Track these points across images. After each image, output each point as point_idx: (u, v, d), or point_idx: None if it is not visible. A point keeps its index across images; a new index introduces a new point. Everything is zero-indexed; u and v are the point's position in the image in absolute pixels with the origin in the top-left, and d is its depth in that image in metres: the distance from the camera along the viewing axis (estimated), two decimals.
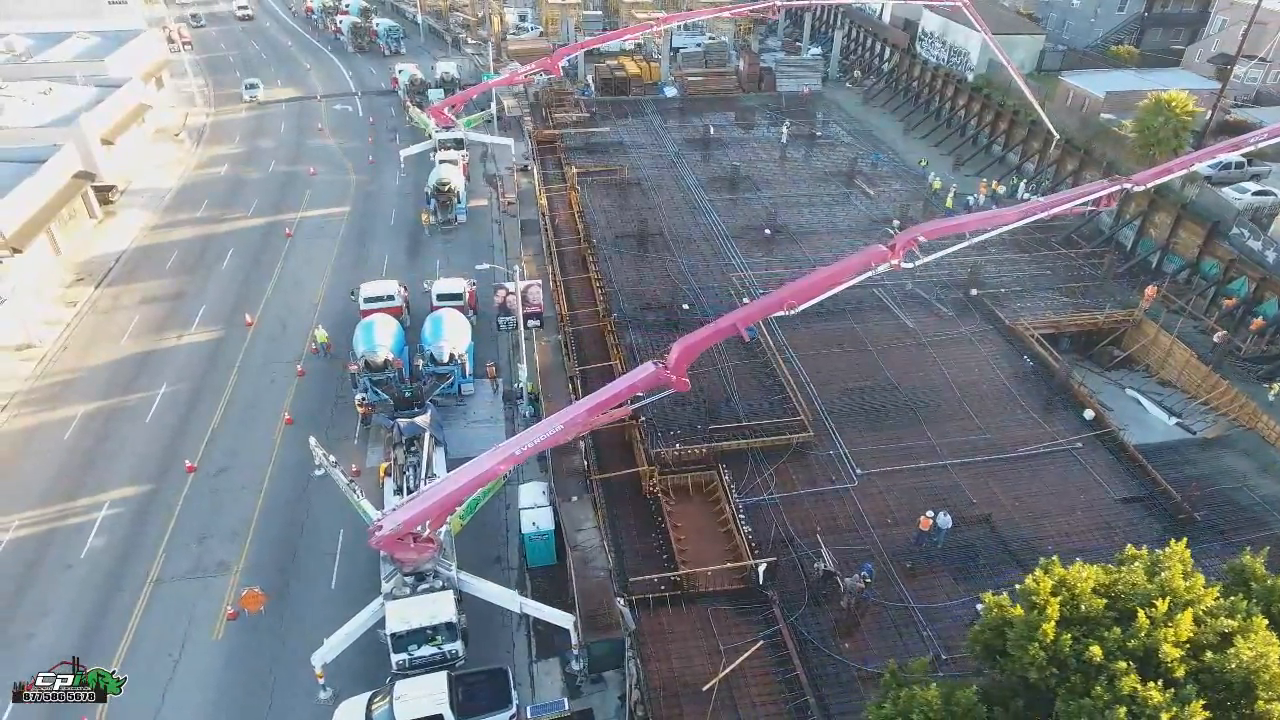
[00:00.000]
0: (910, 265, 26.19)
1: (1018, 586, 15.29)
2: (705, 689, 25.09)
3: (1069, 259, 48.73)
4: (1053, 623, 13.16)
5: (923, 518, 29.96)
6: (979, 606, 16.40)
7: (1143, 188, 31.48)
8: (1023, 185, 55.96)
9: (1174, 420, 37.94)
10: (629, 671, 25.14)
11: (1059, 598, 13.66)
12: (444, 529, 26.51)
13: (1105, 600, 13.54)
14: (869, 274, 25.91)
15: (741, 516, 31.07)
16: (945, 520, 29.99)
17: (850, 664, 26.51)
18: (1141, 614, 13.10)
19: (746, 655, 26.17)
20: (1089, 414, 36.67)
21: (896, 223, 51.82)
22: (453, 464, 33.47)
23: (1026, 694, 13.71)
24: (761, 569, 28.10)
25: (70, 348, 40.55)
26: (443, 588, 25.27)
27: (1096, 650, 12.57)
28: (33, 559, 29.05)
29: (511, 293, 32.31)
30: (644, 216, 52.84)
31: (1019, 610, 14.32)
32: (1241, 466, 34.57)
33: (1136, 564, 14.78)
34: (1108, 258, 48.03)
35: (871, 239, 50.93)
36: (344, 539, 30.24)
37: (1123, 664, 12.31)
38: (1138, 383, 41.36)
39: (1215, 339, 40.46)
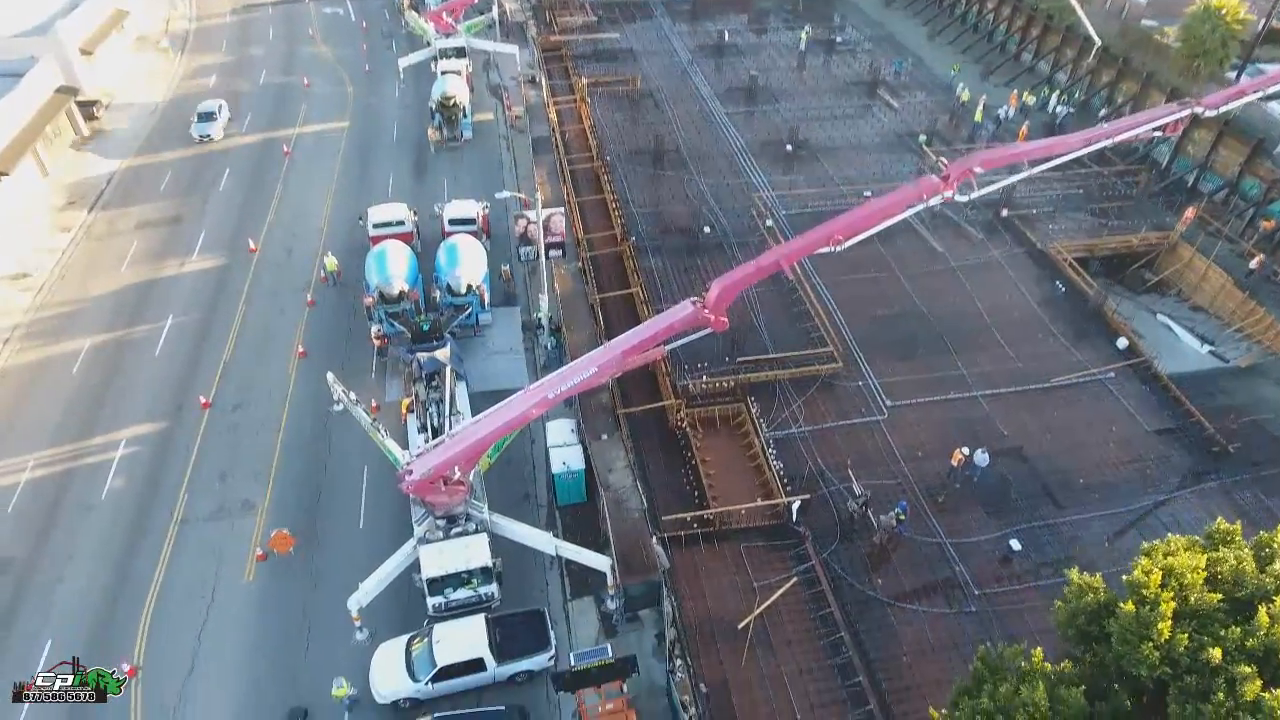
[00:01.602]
0: (965, 198, 24.71)
1: (1125, 578, 14.61)
2: (740, 627, 25.08)
3: (1102, 177, 46.82)
4: (1168, 621, 12.53)
5: (956, 452, 29.44)
6: (1065, 589, 15.70)
7: (1214, 112, 29.57)
8: (1054, 97, 53.34)
9: (1207, 348, 37.13)
10: (665, 610, 25.08)
11: (1169, 590, 13.00)
12: (474, 471, 25.93)
13: (1219, 595, 12.87)
14: (922, 206, 24.45)
15: (771, 451, 30.57)
16: (983, 458, 29.49)
17: (883, 599, 26.48)
18: (1263, 611, 12.48)
19: (780, 592, 26.09)
20: (1122, 342, 35.79)
21: (923, 137, 49.59)
22: (475, 398, 32.90)
23: (1127, 685, 13.26)
24: (795, 507, 27.74)
25: (68, 277, 39.08)
26: (476, 531, 24.88)
27: (1216, 653, 11.99)
28: (52, 501, 28.56)
29: (533, 222, 30.78)
30: (658, 131, 50.42)
31: (1129, 605, 13.38)
32: (1277, 397, 33.94)
33: (1244, 549, 14.07)
34: (1143, 176, 46.19)
35: (897, 155, 48.94)
36: (368, 476, 29.73)
37: (1246, 667, 11.75)
38: (1169, 308, 40.34)
39: (1252, 264, 39.20)
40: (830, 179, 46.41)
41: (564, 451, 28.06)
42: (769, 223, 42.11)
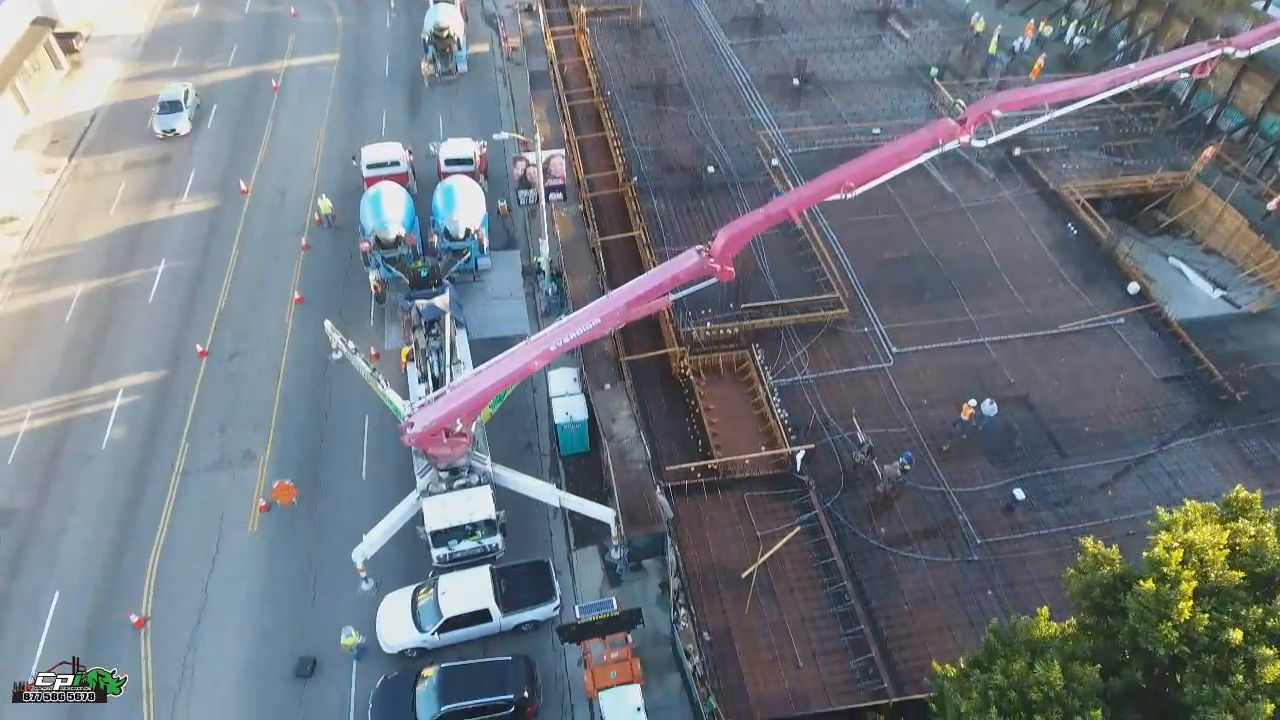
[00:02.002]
0: (982, 144, 23.74)
1: (1145, 555, 14.37)
2: (744, 576, 25.22)
3: (1119, 113, 45.28)
4: (1189, 601, 12.33)
5: (965, 405, 29.14)
6: (1079, 557, 15.48)
7: (1246, 52, 28.17)
8: (1072, 27, 51.30)
9: (1219, 293, 36.52)
10: (669, 560, 25.19)
11: (1190, 569, 12.75)
12: (476, 422, 25.68)
13: (1240, 572, 12.63)
14: (937, 152, 23.51)
15: (775, 399, 30.27)
16: (991, 408, 29.22)
17: (885, 548, 26.56)
18: None
19: (784, 542, 26.16)
20: (1133, 287, 35.13)
21: (935, 70, 47.79)
22: (475, 345, 32.47)
23: (1141, 659, 13.15)
24: (799, 457, 27.60)
25: (56, 220, 38.15)
26: (479, 483, 24.78)
27: (1237, 634, 11.81)
28: (52, 451, 28.41)
29: (532, 164, 29.78)
30: (660, 64, 48.53)
31: (1149, 583, 13.10)
32: None
33: (1265, 521, 13.79)
34: (1160, 113, 44.70)
35: (907, 89, 47.22)
36: (369, 424, 29.53)
37: (1267, 649, 11.57)
38: (1182, 251, 39.57)
39: (1270, 206, 38.23)
40: (838, 115, 44.91)
41: (566, 401, 27.78)
42: (775, 162, 40.89)
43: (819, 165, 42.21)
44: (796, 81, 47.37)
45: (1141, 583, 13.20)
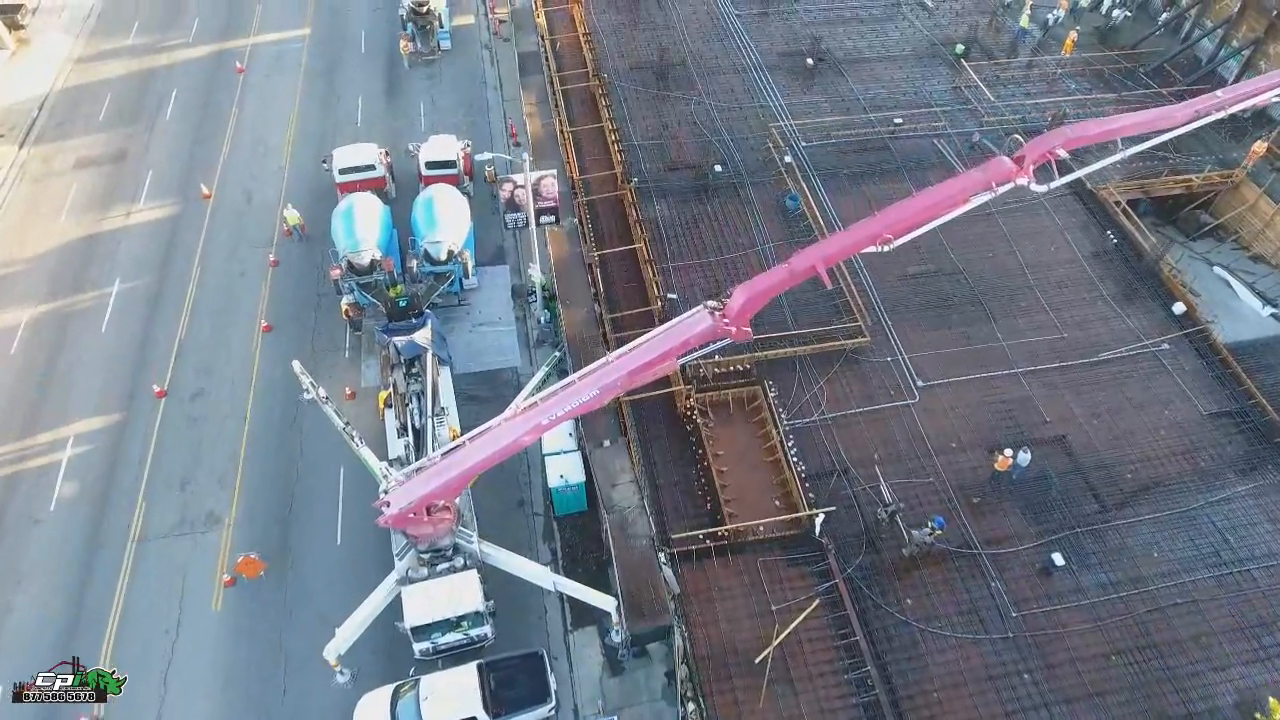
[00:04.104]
0: (1043, 189, 20.51)
1: None
2: (758, 661, 22.97)
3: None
4: None
5: (1001, 457, 26.54)
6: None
7: None
8: None
9: (1269, 310, 33.65)
10: (675, 644, 22.91)
11: None
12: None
13: None
14: (989, 196, 20.30)
15: (790, 444, 27.65)
16: (1025, 458, 26.65)
17: (912, 624, 24.29)
18: None
19: (802, 617, 23.86)
20: (1179, 307, 32.21)
21: (960, 47, 43.82)
22: (461, 379, 29.63)
23: None
24: (819, 521, 25.11)
25: (2, 229, 34.72)
26: (465, 565, 22.27)
27: None
28: None
29: (521, 186, 26.47)
30: (663, 41, 44.55)
31: None
32: None
33: None
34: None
35: (930, 69, 43.34)
36: (344, 478, 26.86)
37: None
38: (1227, 257, 36.54)
39: None
40: (855, 100, 41.18)
41: (561, 462, 25.10)
42: (787, 158, 37.40)
43: (835, 161, 38.84)
44: (810, 61, 43.41)
45: None
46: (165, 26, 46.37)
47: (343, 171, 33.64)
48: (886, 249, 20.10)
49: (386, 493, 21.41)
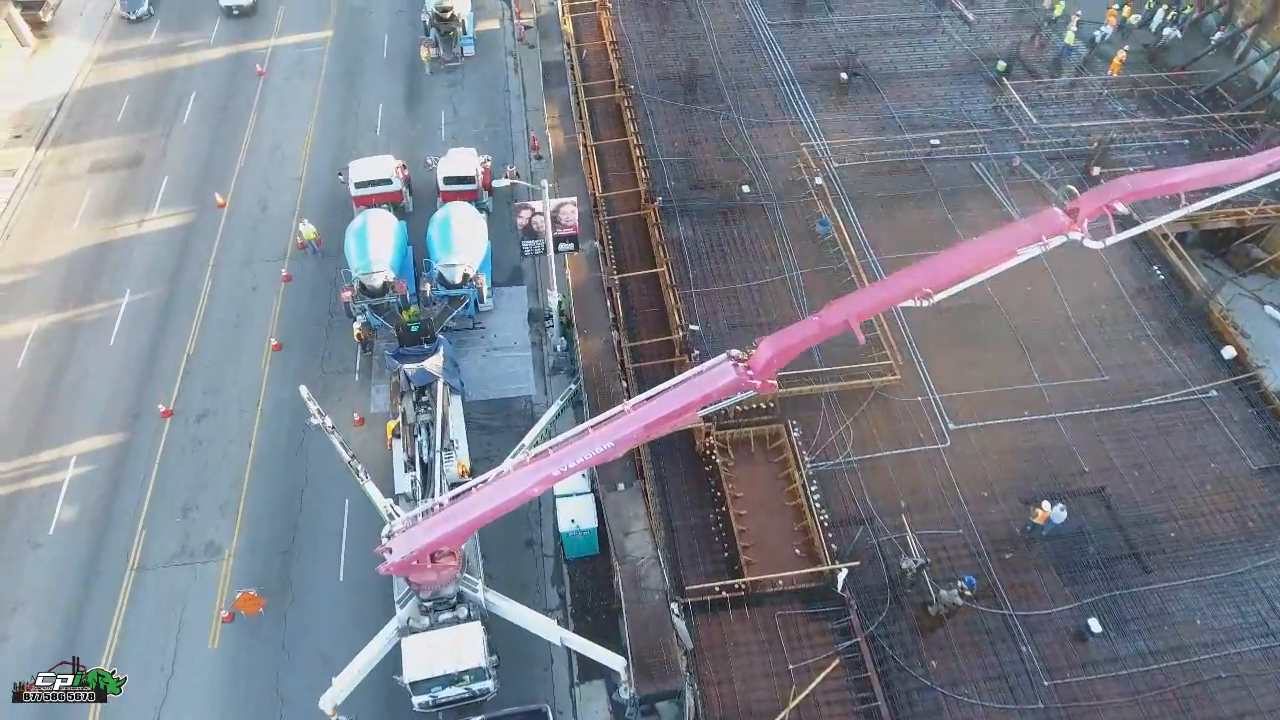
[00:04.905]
0: (1098, 245, 19.07)
1: None
2: None
3: (1213, 122, 39.67)
4: None
5: (1040, 510, 25.16)
6: None
7: None
8: (1160, 12, 45.01)
9: None
10: (686, 704, 21.83)
11: None
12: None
13: None
14: (1039, 250, 18.91)
15: (813, 488, 26.43)
16: (1060, 514, 25.25)
17: (937, 689, 23.04)
18: None
19: (820, 678, 22.70)
20: (1229, 351, 30.53)
21: (1002, 64, 42.12)
22: (474, 407, 28.69)
23: None
24: (842, 576, 23.89)
25: (14, 235, 34.24)
26: (469, 616, 21.30)
27: None
28: None
29: (539, 213, 25.38)
30: (691, 50, 43.26)
31: None
32: None
33: None
34: (1261, 124, 39.07)
35: (970, 86, 41.69)
36: (350, 510, 26.00)
37: None
38: (1278, 295, 34.76)
39: None
40: (890, 119, 39.66)
41: (573, 505, 24.05)
42: (819, 180, 36.00)
43: (868, 185, 37.35)
44: (844, 76, 41.89)
45: None
46: (185, 26, 45.69)
47: (359, 185, 32.74)
48: (926, 304, 18.77)
49: (389, 537, 20.58)
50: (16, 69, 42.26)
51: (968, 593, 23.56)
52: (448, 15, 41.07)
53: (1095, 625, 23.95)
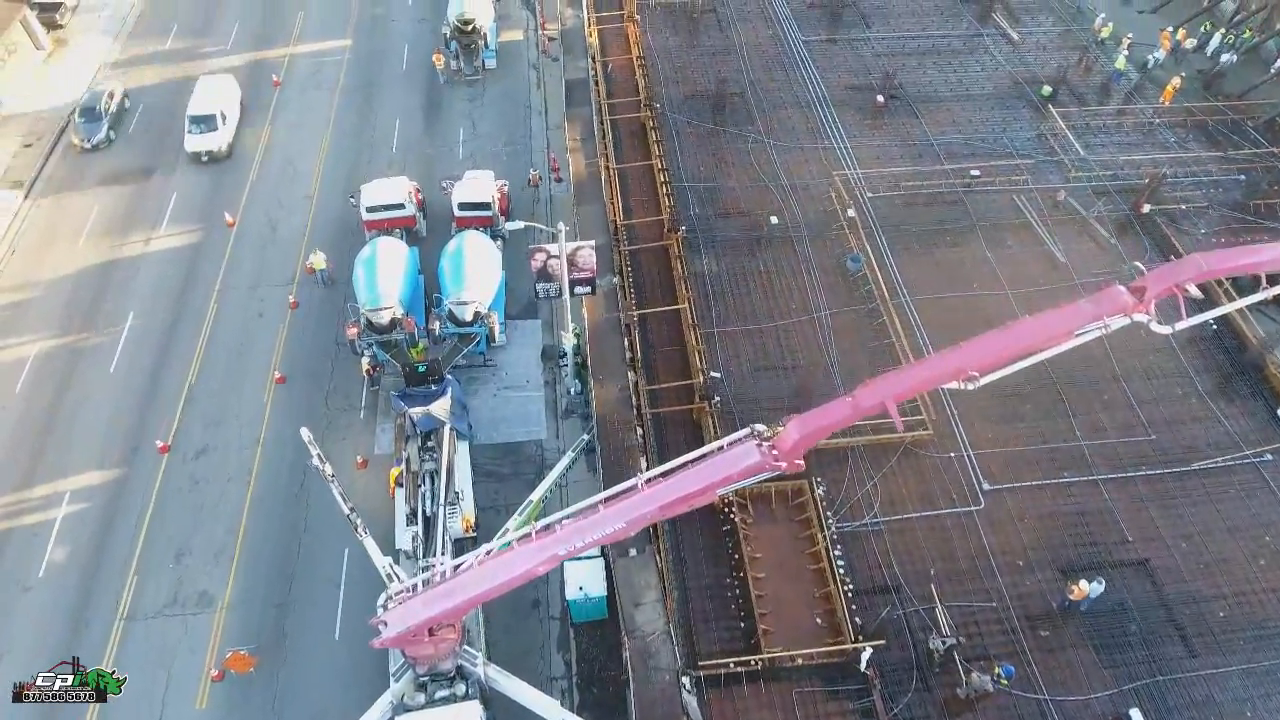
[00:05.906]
0: (1167, 329, 17.37)
1: None
2: None
3: (1273, 157, 37.47)
4: None
5: (1076, 587, 23.50)
6: None
7: None
8: (1218, 36, 42.71)
9: None
10: None
11: None
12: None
13: None
14: (1101, 331, 17.25)
15: (837, 553, 24.93)
16: (1097, 589, 23.58)
17: None
18: None
19: None
20: None
21: (1047, 89, 40.13)
22: (482, 451, 27.45)
23: None
24: (865, 655, 22.39)
25: (20, 250, 33.40)
26: (467, 694, 20.08)
27: None
28: None
29: (554, 255, 24.02)
30: (721, 67, 41.57)
31: None
32: None
33: None
34: None
35: (1013, 112, 39.68)
36: (349, 562, 24.85)
37: None
38: None
39: None
40: (928, 146, 37.81)
41: (582, 570, 22.77)
42: (850, 212, 34.30)
43: (902, 215, 35.59)
44: (880, 98, 40.05)
45: None
46: (204, 31, 44.70)
47: (370, 209, 31.55)
48: (971, 387, 17.22)
49: (385, 608, 19.38)
50: (31, 73, 41.44)
51: (1004, 682, 21.99)
52: (469, 28, 39.70)
53: (1137, 716, 22.30)
